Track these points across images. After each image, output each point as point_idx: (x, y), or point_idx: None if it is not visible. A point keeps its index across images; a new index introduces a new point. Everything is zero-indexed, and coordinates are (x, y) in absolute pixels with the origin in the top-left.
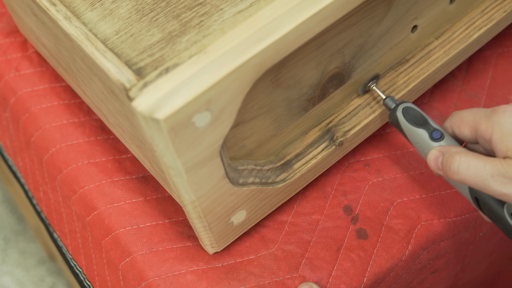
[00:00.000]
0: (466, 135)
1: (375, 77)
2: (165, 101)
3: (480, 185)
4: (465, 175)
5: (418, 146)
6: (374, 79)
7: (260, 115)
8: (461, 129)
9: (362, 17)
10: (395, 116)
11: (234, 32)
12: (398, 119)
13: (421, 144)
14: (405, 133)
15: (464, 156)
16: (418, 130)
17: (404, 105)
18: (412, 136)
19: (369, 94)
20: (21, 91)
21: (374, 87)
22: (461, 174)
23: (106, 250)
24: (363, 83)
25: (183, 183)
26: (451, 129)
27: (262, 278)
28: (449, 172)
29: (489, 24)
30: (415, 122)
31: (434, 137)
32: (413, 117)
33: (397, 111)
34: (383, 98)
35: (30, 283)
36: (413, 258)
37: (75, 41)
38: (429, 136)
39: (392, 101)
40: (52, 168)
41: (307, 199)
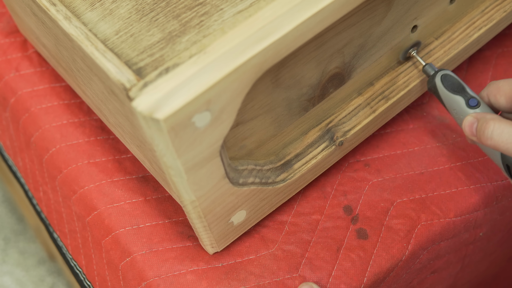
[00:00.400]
0: (502, 104)
1: (416, 44)
2: (165, 101)
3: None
4: (498, 141)
5: (454, 112)
6: (415, 46)
7: (260, 115)
8: (497, 98)
9: (362, 17)
10: (434, 83)
11: (234, 32)
12: (437, 86)
13: (458, 111)
14: (442, 100)
15: (498, 122)
16: (455, 96)
17: (443, 72)
18: (449, 103)
19: (410, 61)
20: (21, 91)
21: (414, 54)
22: (494, 139)
23: (106, 250)
24: (404, 49)
25: (183, 183)
26: (487, 98)
27: (262, 278)
28: (482, 137)
29: (489, 24)
30: (452, 89)
31: (471, 104)
32: (451, 84)
33: (436, 78)
34: (423, 65)
35: (30, 283)
36: (413, 258)
37: (75, 41)
38: (465, 103)
39: (431, 68)
40: (52, 168)
41: (307, 199)
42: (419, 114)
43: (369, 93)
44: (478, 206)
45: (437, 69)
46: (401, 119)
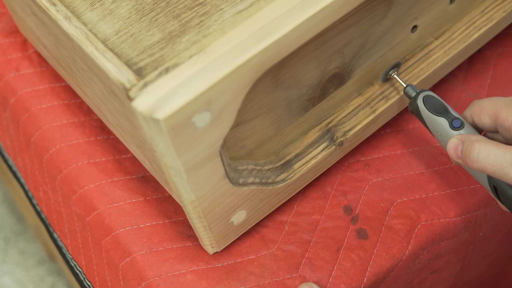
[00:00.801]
0: (486, 124)
1: (396, 65)
2: (165, 101)
3: (499, 173)
4: (484, 163)
5: (438, 134)
6: (395, 67)
7: (260, 115)
8: (481, 118)
9: (362, 17)
10: (416, 105)
11: (234, 32)
12: (419, 108)
13: (441, 133)
14: (425, 122)
15: (483, 144)
16: (438, 118)
17: (424, 94)
18: (432, 125)
19: (389, 83)
20: (21, 91)
21: (395, 75)
22: (480, 162)
23: (106, 250)
24: (384, 71)
25: (183, 183)
26: (471, 118)
27: (262, 278)
28: (468, 160)
29: (489, 24)
30: (435, 111)
31: (454, 126)
32: (433, 105)
33: (418, 100)
34: (404, 87)
35: (30, 283)
36: (413, 258)
37: (75, 41)
38: (449, 124)
39: (412, 89)
40: (52, 168)
41: (307, 199)
42: None
43: (369, 93)
44: (478, 206)
45: (419, 90)
46: (401, 119)
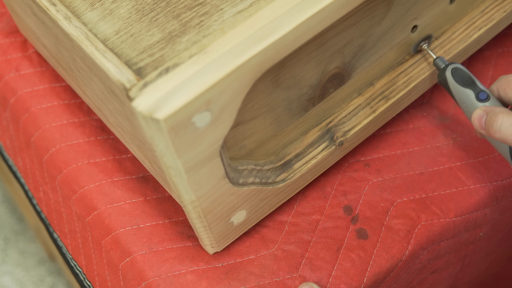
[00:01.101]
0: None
1: (427, 37)
2: (165, 101)
3: None
4: (506, 133)
5: (464, 106)
6: (426, 39)
7: (260, 115)
8: (507, 92)
9: (362, 17)
10: (444, 76)
11: (234, 32)
12: (447, 79)
13: (467, 104)
14: (452, 93)
15: (507, 115)
16: (465, 90)
17: (453, 66)
18: (459, 96)
19: (420, 54)
20: (21, 91)
21: (425, 47)
22: (503, 132)
23: (106, 250)
24: (415, 42)
25: (183, 183)
26: (497, 92)
27: (262, 278)
28: (491, 130)
29: (489, 24)
30: (463, 83)
31: (480, 98)
32: (461, 77)
33: (446, 71)
34: (434, 58)
35: (30, 283)
36: (413, 258)
37: (75, 41)
38: (475, 96)
39: (442, 61)
40: (52, 168)
41: (307, 199)
42: (419, 114)
43: (369, 93)
44: (478, 206)
45: (448, 62)
46: (401, 119)
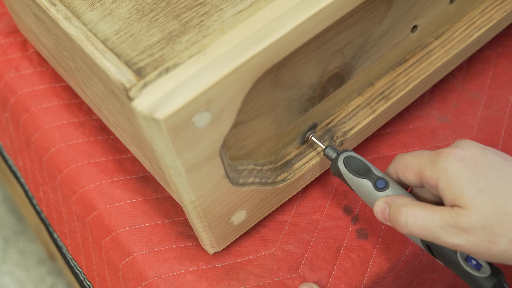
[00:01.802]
0: (411, 180)
1: (313, 126)
2: (165, 101)
3: (431, 237)
4: (413, 228)
5: (363, 196)
6: (312, 129)
7: (260, 115)
8: (406, 175)
9: (362, 17)
10: (337, 167)
11: (234, 32)
12: (340, 170)
13: (366, 195)
14: (349, 184)
15: (411, 208)
16: (361, 180)
17: (345, 155)
18: (356, 187)
19: (307, 144)
20: (21, 91)
21: (312, 137)
22: (409, 227)
23: (106, 250)
24: (301, 133)
25: (183, 183)
26: (395, 174)
27: (262, 278)
28: (397, 225)
29: (489, 24)
30: (357, 172)
31: (379, 187)
32: (355, 167)
33: (338, 162)
34: (323, 148)
35: (30, 283)
36: (413, 258)
37: (75, 41)
38: (373, 185)
39: (332, 150)
40: (52, 168)
41: (307, 199)
42: (419, 114)
43: (369, 93)
44: None
45: (339, 151)
46: (401, 119)
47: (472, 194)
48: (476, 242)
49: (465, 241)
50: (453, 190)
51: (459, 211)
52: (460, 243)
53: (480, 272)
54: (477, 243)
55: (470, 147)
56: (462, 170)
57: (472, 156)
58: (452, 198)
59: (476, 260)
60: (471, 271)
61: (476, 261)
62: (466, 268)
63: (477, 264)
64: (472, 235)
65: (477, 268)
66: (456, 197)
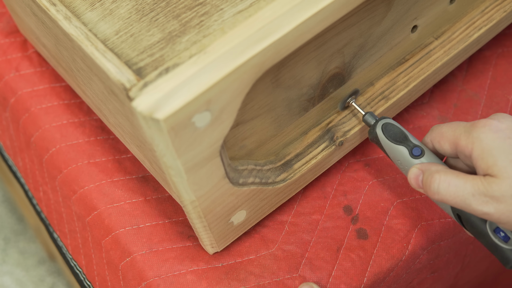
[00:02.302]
0: (446, 150)
1: (354, 92)
2: (165, 101)
3: (461, 205)
4: (445, 195)
5: (398, 163)
6: (353, 95)
7: (260, 115)
8: (441, 144)
9: (362, 17)
10: (375, 133)
11: (234, 32)
12: (378, 136)
13: (402, 161)
14: (385, 150)
15: (444, 175)
16: (398, 147)
17: (383, 121)
18: (392, 153)
19: (348, 110)
20: (21, 91)
21: (353, 103)
22: (441, 193)
23: (106, 250)
24: (343, 98)
25: (183, 183)
26: (431, 144)
27: (262, 278)
28: (429, 191)
29: (489, 24)
30: (394, 139)
31: (414, 154)
32: (393, 133)
33: (377, 128)
34: (363, 114)
35: (30, 283)
36: (413, 258)
37: (75, 41)
38: (409, 152)
39: (371, 117)
40: (52, 168)
41: (307, 199)
42: (419, 114)
43: (369, 93)
44: None
45: (378, 118)
46: (401, 119)
47: (505, 164)
48: (505, 211)
49: (495, 210)
50: (487, 159)
51: (491, 180)
52: (490, 211)
53: (507, 244)
54: (507, 211)
55: (505, 119)
56: (496, 140)
57: (507, 128)
58: (485, 167)
59: (505, 232)
60: (499, 242)
61: (505, 233)
62: (494, 239)
63: (505, 236)
64: (502, 203)
65: (505, 240)
66: (489, 166)
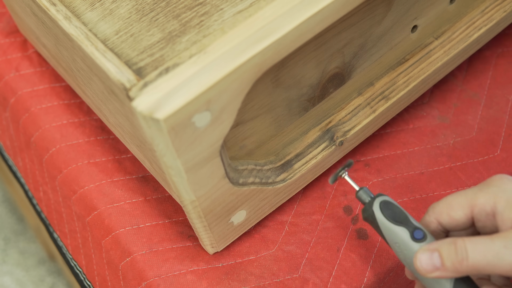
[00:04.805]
0: (460, 219)
1: (347, 165)
2: (165, 101)
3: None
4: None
5: (397, 246)
6: (346, 167)
7: (260, 115)
8: (452, 215)
9: (362, 17)
10: (371, 211)
11: (234, 32)
12: (375, 215)
13: (400, 244)
14: (382, 231)
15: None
16: (398, 228)
17: (382, 199)
18: (391, 235)
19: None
20: (21, 91)
21: (346, 177)
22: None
23: (106, 250)
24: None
25: (183, 183)
26: (436, 222)
27: (262, 279)
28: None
29: (489, 24)
30: (394, 219)
31: (416, 237)
32: (392, 213)
33: (374, 205)
34: (357, 190)
35: (30, 283)
36: None
37: (75, 41)
38: (410, 235)
39: (366, 193)
40: (52, 168)
41: (307, 199)
42: (419, 114)
43: (369, 93)
44: None
45: (374, 195)
46: (401, 119)
47: None
48: None
49: None
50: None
51: None
52: None
53: None
54: None
55: None
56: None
57: None
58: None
59: None
60: None
61: None
62: None
63: None
64: None
65: None
66: None
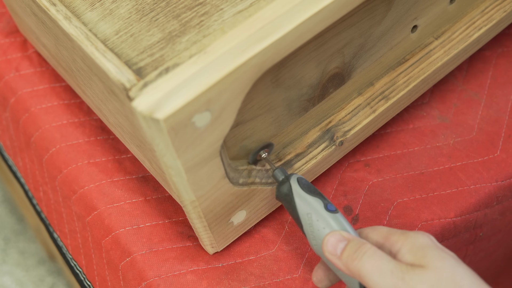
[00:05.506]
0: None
1: (267, 145)
2: (165, 101)
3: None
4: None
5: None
6: (267, 148)
7: (260, 115)
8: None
9: (362, 17)
10: (288, 184)
11: (234, 32)
12: (292, 188)
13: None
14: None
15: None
16: (313, 198)
17: (298, 175)
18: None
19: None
20: (21, 91)
21: (264, 156)
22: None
23: (106, 250)
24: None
25: (183, 183)
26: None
27: (262, 279)
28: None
29: (489, 24)
30: (309, 190)
31: (329, 209)
32: (308, 186)
33: (291, 179)
34: (273, 169)
35: (30, 283)
36: None
37: (75, 41)
38: (324, 206)
39: (283, 171)
40: (52, 168)
41: None
42: (419, 114)
43: (369, 93)
44: (479, 206)
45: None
46: (401, 119)
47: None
48: None
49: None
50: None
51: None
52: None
53: None
54: None
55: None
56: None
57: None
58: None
59: None
60: None
61: None
62: None
63: None
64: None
65: None
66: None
